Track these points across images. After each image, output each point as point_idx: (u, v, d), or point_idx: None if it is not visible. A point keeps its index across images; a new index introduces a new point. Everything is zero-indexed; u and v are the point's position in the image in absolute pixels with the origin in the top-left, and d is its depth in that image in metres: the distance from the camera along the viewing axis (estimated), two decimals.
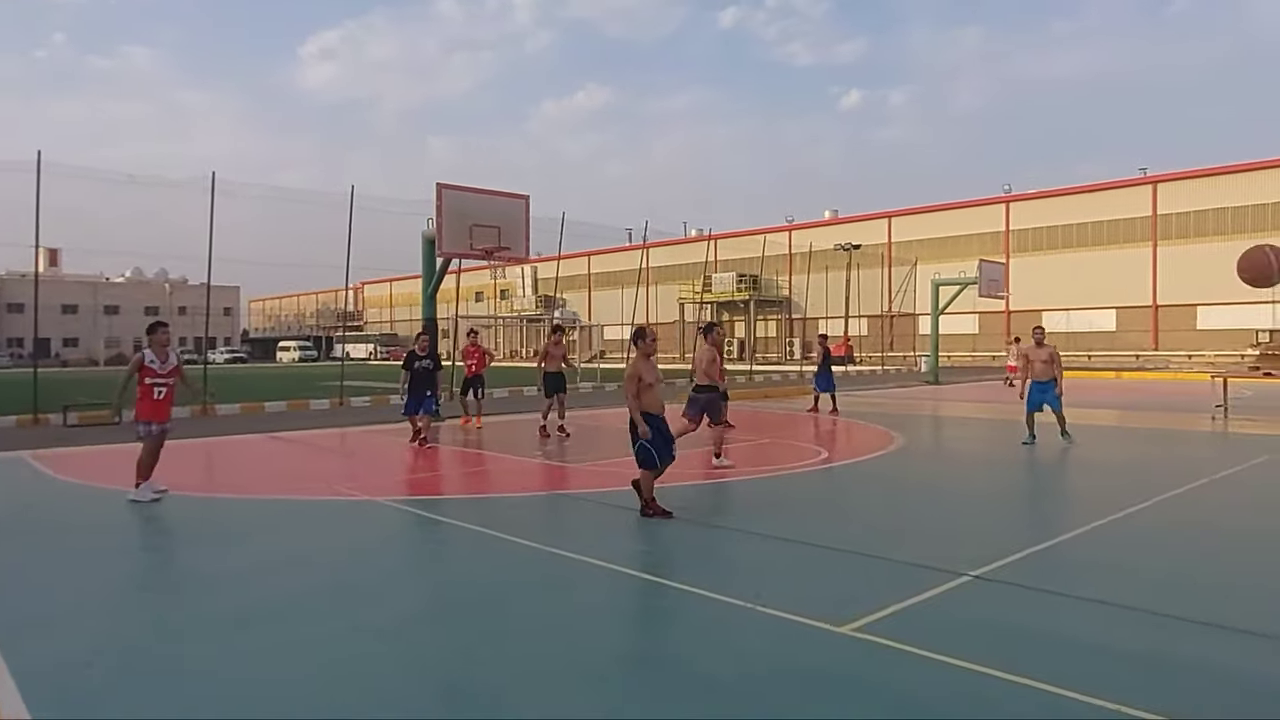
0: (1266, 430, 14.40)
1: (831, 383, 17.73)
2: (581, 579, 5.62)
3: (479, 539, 6.73)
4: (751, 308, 61.10)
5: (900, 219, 58.33)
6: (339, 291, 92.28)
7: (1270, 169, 43.89)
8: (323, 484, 9.37)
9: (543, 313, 74.81)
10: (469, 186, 15.73)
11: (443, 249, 15.27)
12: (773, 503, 8.40)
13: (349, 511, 8.03)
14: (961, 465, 11.26)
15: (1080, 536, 6.57)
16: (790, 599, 5.00)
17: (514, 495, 8.85)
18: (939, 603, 4.97)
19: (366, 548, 6.59)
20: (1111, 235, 48.89)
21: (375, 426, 15.86)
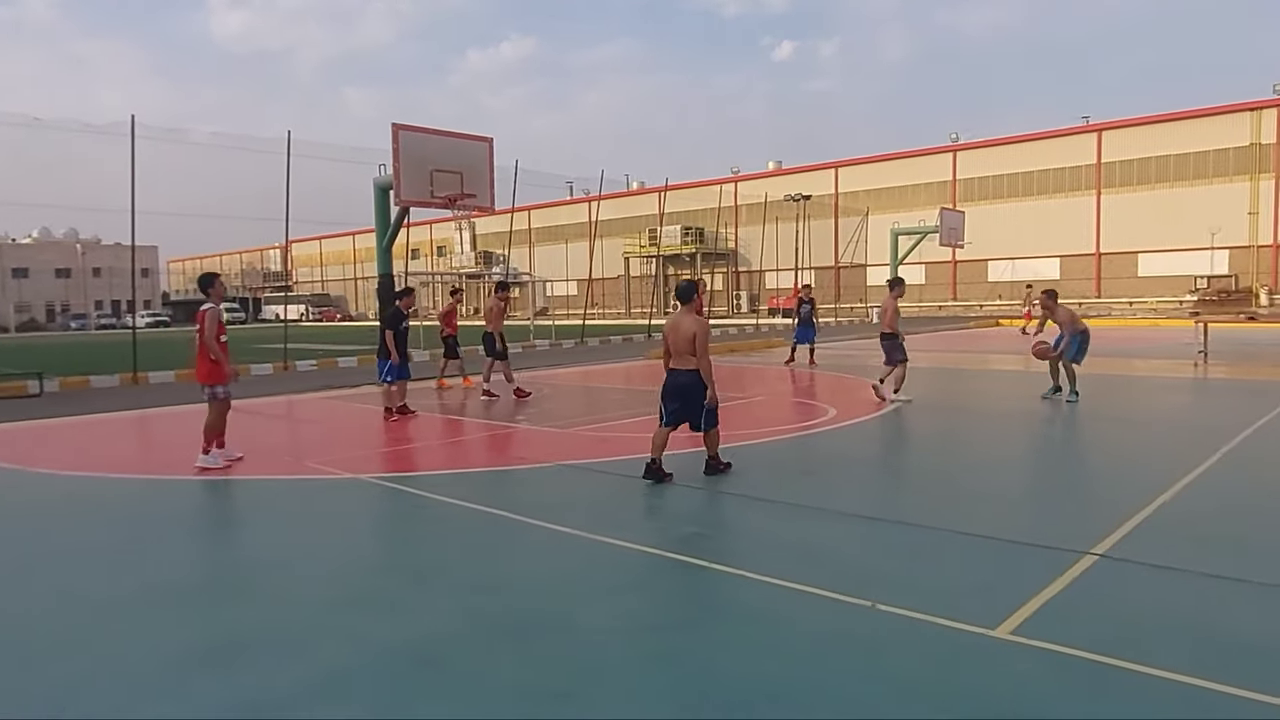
0: (1252, 375, 14.24)
1: (811, 335, 17.22)
2: (648, 574, 4.69)
3: (501, 525, 5.74)
4: (698, 261, 60.34)
5: (847, 169, 57.95)
6: (266, 250, 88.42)
7: (1210, 116, 44.62)
8: (292, 460, 8.21)
9: (482, 269, 72.83)
10: (428, 128, 14.31)
11: (400, 197, 13.86)
12: (805, 469, 7.60)
13: (333, 493, 6.94)
14: (983, 421, 10.63)
15: (1175, 501, 5.90)
16: (909, 594, 4.18)
17: (513, 468, 7.85)
18: (1086, 592, 4.20)
19: (373, 541, 5.55)
20: (1056, 184, 49.35)
21: (329, 392, 14.60)
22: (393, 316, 11.60)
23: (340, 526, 5.94)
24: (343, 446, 9.24)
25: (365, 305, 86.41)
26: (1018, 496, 6.44)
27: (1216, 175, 44.38)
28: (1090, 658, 3.45)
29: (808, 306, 17.54)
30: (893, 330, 11.73)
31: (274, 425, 11.39)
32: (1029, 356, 12.30)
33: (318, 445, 9.28)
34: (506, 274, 70.58)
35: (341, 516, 6.24)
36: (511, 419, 10.84)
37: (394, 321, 11.51)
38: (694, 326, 6.79)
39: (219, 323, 7.72)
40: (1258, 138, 43.19)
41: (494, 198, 14.92)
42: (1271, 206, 42.95)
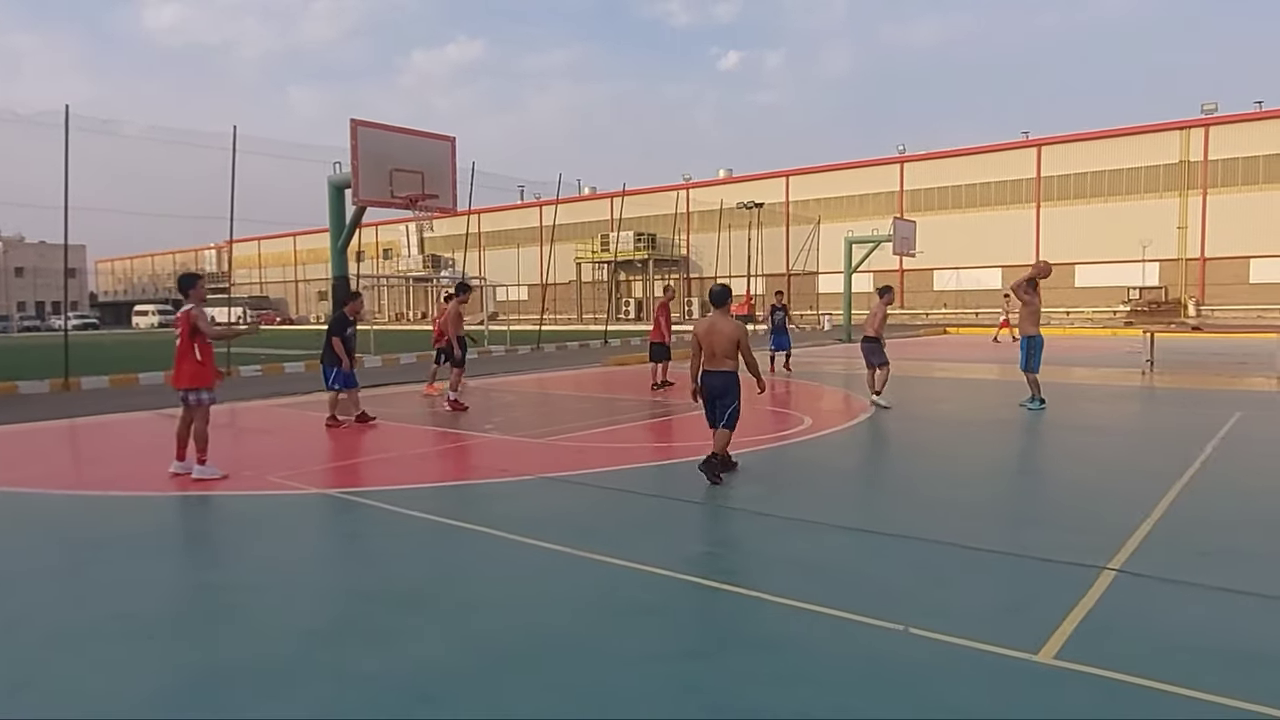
0: (1199, 384, 14.61)
1: (786, 342, 17.16)
2: (658, 597, 4.42)
3: (490, 544, 5.41)
4: (650, 267, 60.34)
5: (798, 178, 58.53)
6: (201, 250, 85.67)
7: (1142, 135, 46.24)
8: (252, 474, 7.73)
9: (430, 273, 71.67)
10: (388, 125, 13.86)
11: (359, 196, 13.40)
12: (795, 481, 7.42)
13: (301, 510, 6.52)
14: (960, 430, 10.62)
15: (1172, 512, 5.87)
16: (939, 616, 4.01)
17: (492, 481, 7.49)
18: (1117, 611, 4.07)
19: (352, 563, 5.17)
20: (999, 196, 50.57)
21: (278, 400, 13.98)
22: (339, 321, 11.04)
23: (314, 547, 5.56)
24: (304, 459, 8.76)
25: (307, 308, 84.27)
26: (1016, 509, 6.36)
27: (1148, 191, 45.99)
28: (1140, 683, 3.31)
29: (781, 313, 17.45)
30: (876, 335, 12.00)
31: (225, 436, 10.77)
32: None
33: (277, 457, 8.79)
34: (458, 278, 69.51)
35: (314, 536, 5.85)
36: (479, 428, 10.46)
37: (340, 327, 10.97)
38: (736, 330, 6.96)
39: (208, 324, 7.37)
40: (1186, 155, 44.89)
41: (456, 199, 14.53)
42: (1199, 221, 44.67)
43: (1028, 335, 11.40)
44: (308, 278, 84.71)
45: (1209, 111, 44.65)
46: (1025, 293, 11.33)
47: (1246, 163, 43.19)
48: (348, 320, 11.00)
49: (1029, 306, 11.36)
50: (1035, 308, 11.41)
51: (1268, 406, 11.53)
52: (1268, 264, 42.45)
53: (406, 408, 13.04)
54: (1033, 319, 11.41)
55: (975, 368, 18.90)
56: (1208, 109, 44.66)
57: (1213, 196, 44.03)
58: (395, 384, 16.41)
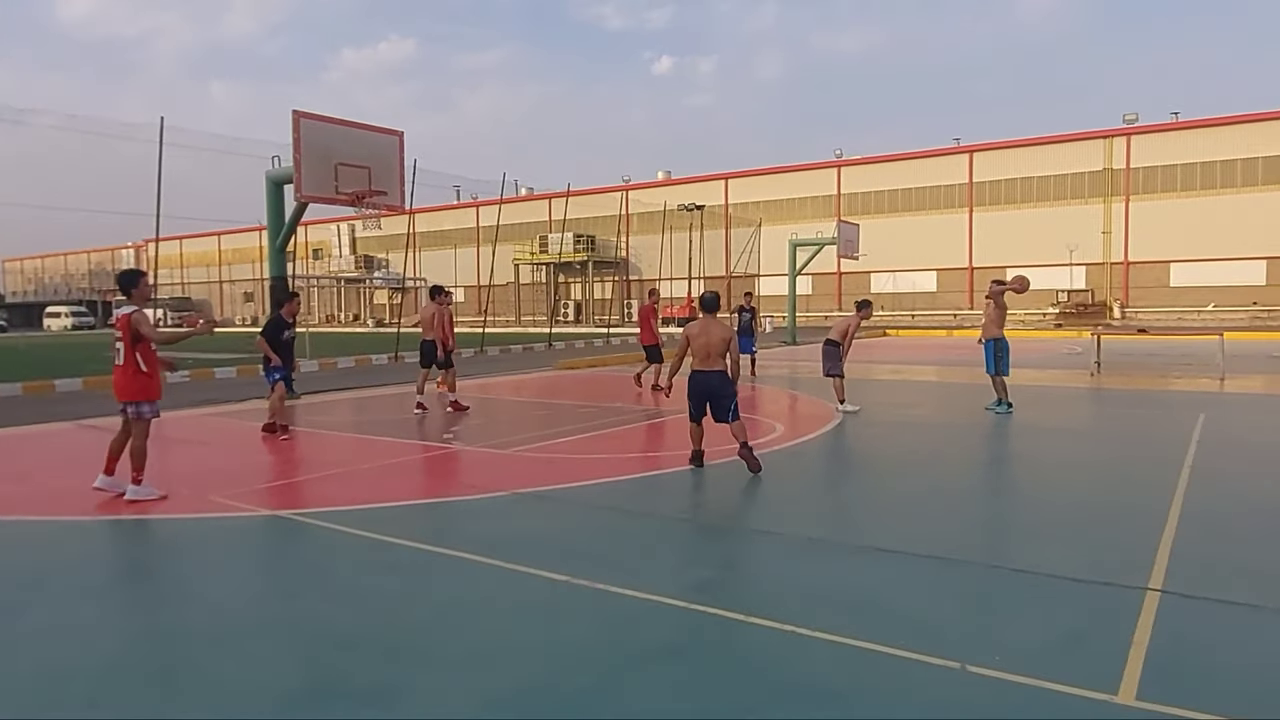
0: (1149, 385, 14.86)
1: (751, 344, 16.77)
2: (678, 633, 3.95)
3: (477, 573, 4.86)
4: (590, 269, 59.79)
5: (736, 180, 58.75)
6: (118, 250, 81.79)
7: (1068, 142, 47.74)
8: (192, 493, 6.99)
9: (362, 274, 69.80)
10: (333, 117, 13.07)
11: (301, 191, 12.59)
12: (787, 494, 7.05)
13: (255, 536, 5.85)
14: (937, 435, 10.42)
15: (1186, 523, 5.67)
16: (993, 648, 3.65)
17: (465, 499, 6.91)
18: (1181, 639, 3.77)
19: (324, 602, 4.55)
20: (933, 201, 51.58)
21: (211, 409, 13.07)
22: (274, 324, 10.24)
23: (274, 582, 4.92)
24: (249, 475, 8.02)
25: (232, 310, 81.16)
26: (1027, 523, 6.08)
27: (1074, 197, 47.50)
28: None
29: (748, 315, 17.04)
30: (841, 341, 11.84)
31: (155, 449, 9.90)
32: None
33: (219, 474, 8.03)
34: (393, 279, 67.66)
35: (271, 568, 5.21)
36: (439, 438, 9.83)
37: (276, 329, 10.15)
38: (728, 333, 7.55)
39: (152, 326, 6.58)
40: (1110, 163, 46.51)
41: (404, 196, 13.82)
42: (1122, 227, 46.31)
43: (993, 338, 11.35)
44: (233, 278, 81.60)
45: (1130, 122, 46.34)
46: (998, 303, 11.35)
47: (1165, 171, 44.95)
48: (285, 323, 10.23)
49: (1000, 310, 11.31)
50: (1004, 313, 11.41)
51: (1227, 407, 11.68)
52: (1186, 268, 44.24)
53: (351, 415, 12.30)
54: (999, 323, 11.38)
55: (928, 370, 18.97)
56: (1129, 119, 46.35)
57: (1135, 203, 45.70)
58: (337, 390, 15.56)
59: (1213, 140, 43.70)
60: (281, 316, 10.31)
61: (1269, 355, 20.97)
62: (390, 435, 10.25)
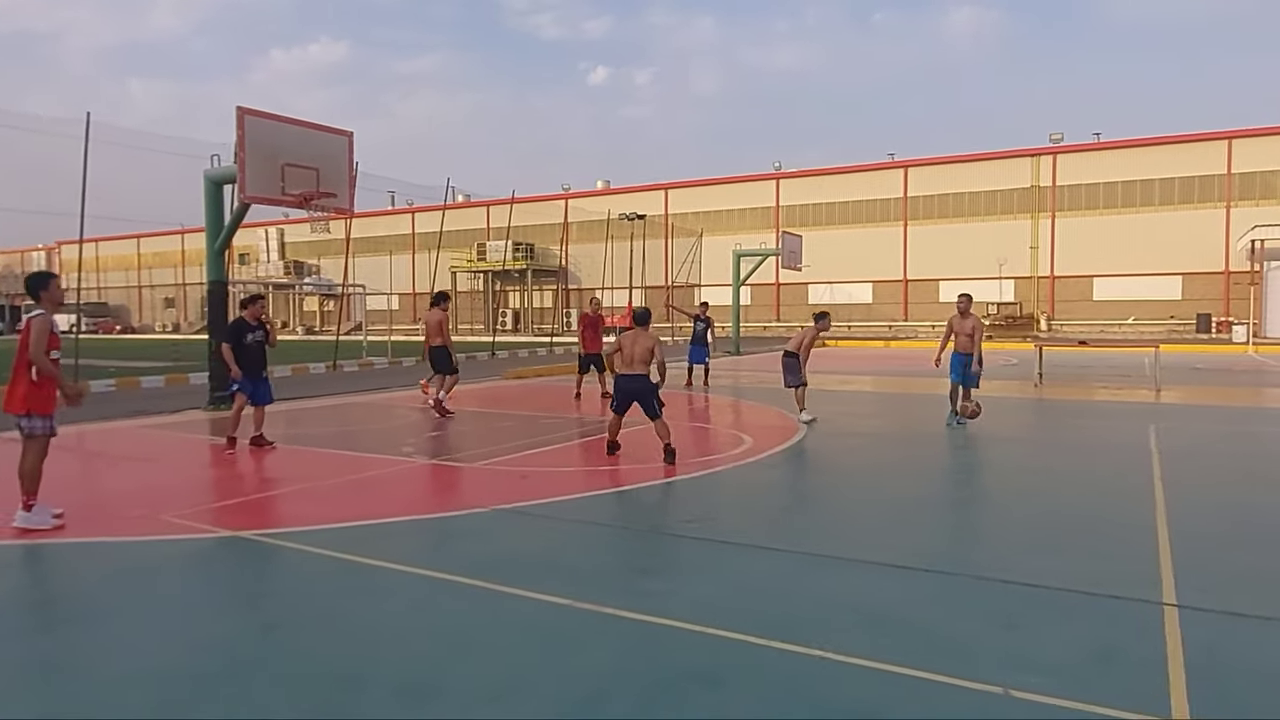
0: (1091, 395, 15.30)
1: (705, 355, 16.65)
2: (697, 658, 3.74)
3: (473, 599, 4.57)
4: (529, 277, 59.23)
5: (676, 191, 59.00)
6: (28, 251, 77.80)
7: (998, 160, 49.34)
8: (143, 513, 6.48)
9: (292, 280, 67.79)
10: (280, 115, 12.50)
11: (245, 192, 12.00)
12: (777, 506, 6.92)
13: (219, 560, 5.42)
14: (905, 446, 10.45)
15: (1177, 533, 5.71)
16: (1028, 669, 3.55)
17: (444, 516, 6.57)
18: (1214, 654, 3.73)
19: (311, 634, 4.20)
20: (869, 214, 52.66)
21: (144, 420, 12.34)
22: (235, 328, 9.67)
23: (250, 612, 4.52)
24: (202, 492, 7.52)
25: (152, 316, 77.88)
26: (1021, 533, 6.05)
27: (1003, 212, 49.09)
28: None
29: (703, 325, 16.91)
30: (797, 351, 11.67)
31: (95, 465, 9.27)
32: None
33: (168, 491, 7.49)
34: (325, 285, 65.85)
35: (245, 596, 4.80)
36: (398, 451, 9.42)
37: (236, 334, 9.59)
38: (652, 342, 8.61)
39: (51, 334, 5.95)
40: (1037, 180, 48.22)
41: (354, 198, 13.32)
42: (1049, 242, 48.03)
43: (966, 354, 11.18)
44: (153, 283, 78.30)
45: (1056, 141, 48.15)
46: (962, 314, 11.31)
47: (1089, 189, 46.82)
48: (247, 326, 9.66)
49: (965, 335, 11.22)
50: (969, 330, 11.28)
51: (1172, 419, 12.04)
52: (1108, 283, 46.10)
53: (300, 428, 11.75)
54: (967, 342, 11.21)
55: (877, 380, 19.19)
56: (1055, 138, 48.16)
57: (1060, 219, 47.46)
58: (279, 401, 14.87)
59: (1132, 161, 45.72)
60: (244, 320, 9.70)
61: (1192, 368, 21.87)
62: (346, 448, 9.78)
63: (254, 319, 9.59)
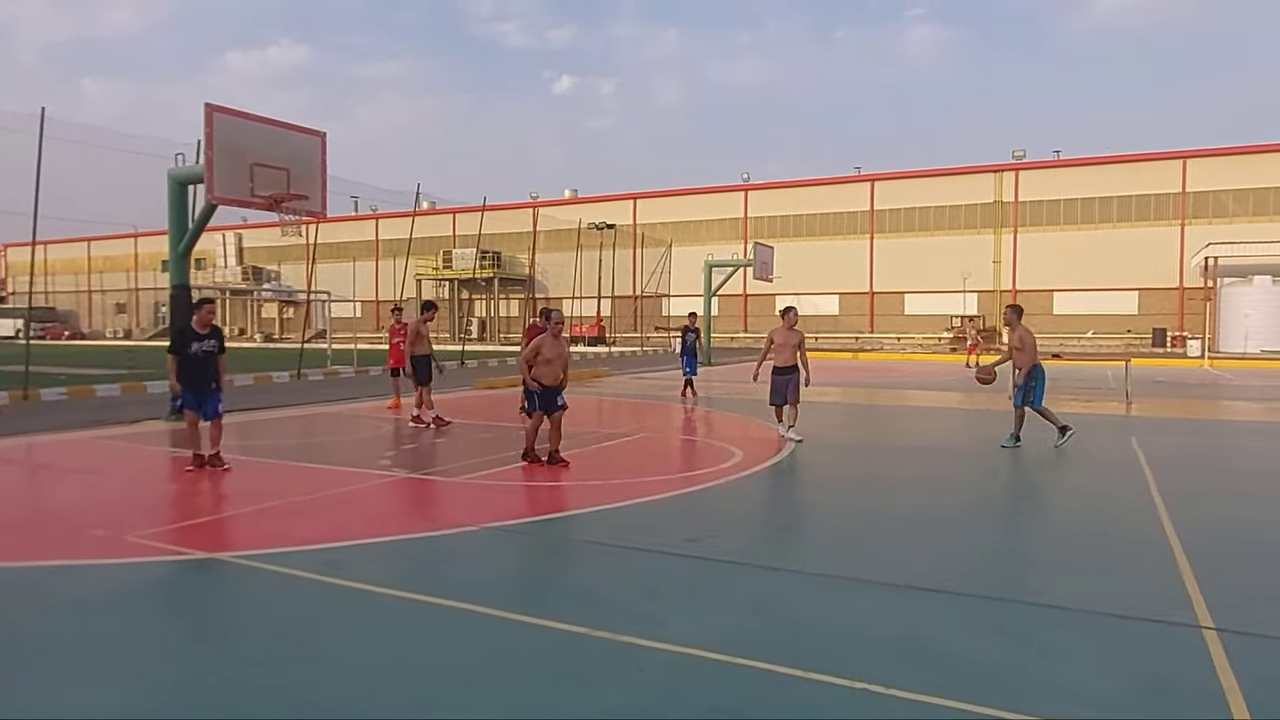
0: (1067, 409, 15.33)
1: (694, 367, 16.45)
2: (737, 696, 3.46)
3: (482, 627, 4.25)
4: (496, 285, 58.64)
5: (645, 201, 58.91)
6: None
7: (962, 175, 50.05)
8: (106, 533, 6.04)
9: (250, 285, 66.41)
10: (250, 113, 12.04)
11: (214, 193, 11.51)
12: (777, 525, 6.69)
13: (197, 584, 5.03)
14: (899, 459, 10.29)
15: (1194, 551, 5.59)
16: (1078, 702, 3.35)
17: (432, 535, 6.19)
18: (1267, 682, 3.56)
19: (316, 670, 3.84)
20: (836, 226, 53.04)
21: (101, 431, 11.76)
22: (180, 336, 8.75)
23: (230, 645, 4.13)
24: (170, 510, 7.08)
25: (102, 321, 75.71)
26: (1028, 550, 5.91)
27: (968, 227, 49.76)
28: None
29: (693, 336, 16.72)
30: (793, 364, 10.89)
31: (50, 479, 8.72)
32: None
33: (133, 509, 7.03)
34: (285, 291, 64.60)
35: (228, 626, 4.40)
36: (374, 464, 9.02)
37: (181, 343, 8.65)
38: (564, 349, 8.88)
39: None
40: (1000, 196, 48.98)
41: (326, 201, 12.89)
42: (1011, 257, 48.78)
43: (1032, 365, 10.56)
44: (104, 288, 76.10)
45: (1019, 158, 48.97)
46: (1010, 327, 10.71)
47: (1050, 205, 47.68)
48: (193, 335, 8.71)
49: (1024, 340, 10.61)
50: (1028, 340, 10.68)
51: (1150, 431, 12.08)
52: (1068, 297, 46.92)
53: (268, 439, 11.26)
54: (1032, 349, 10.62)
55: (854, 392, 19.13)
56: (1018, 155, 48.98)
57: (1023, 235, 48.23)
58: (243, 410, 14.33)
59: (1091, 179, 46.65)
60: (191, 328, 9.00)
61: (1155, 380, 22.19)
62: (319, 461, 9.36)
63: (203, 326, 8.69)
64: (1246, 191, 43.40)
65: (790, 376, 10.83)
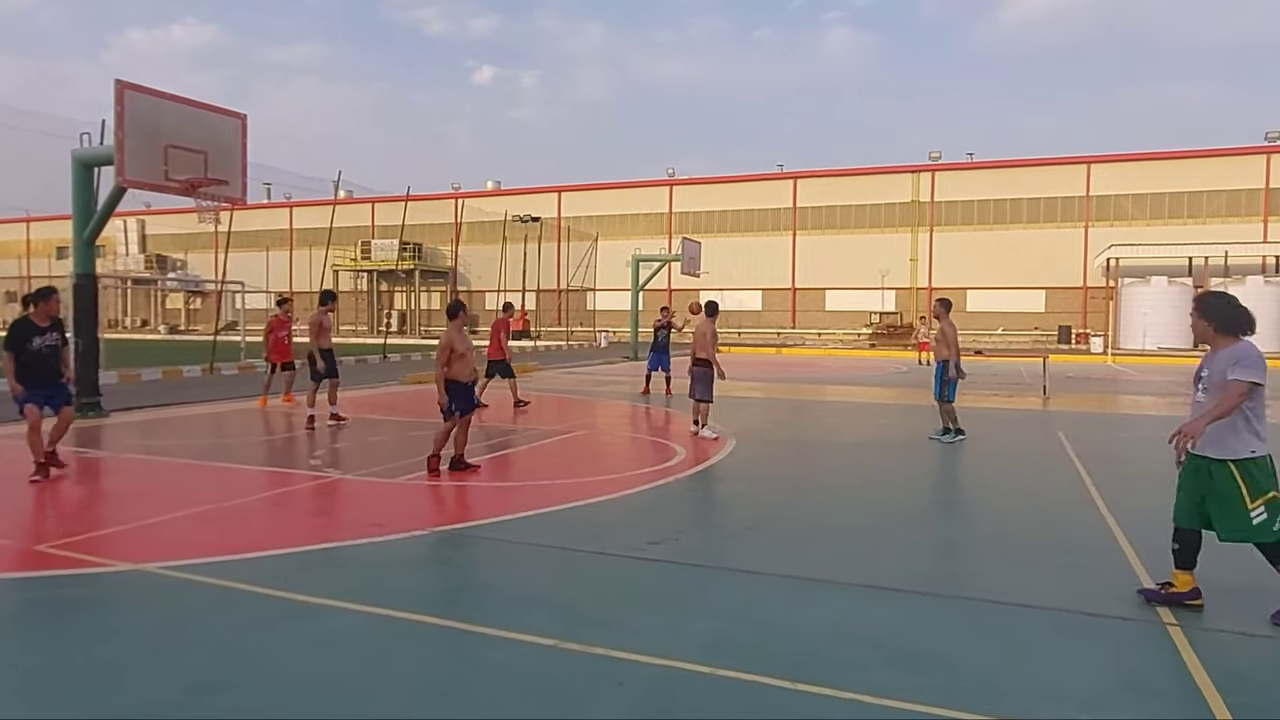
0: (989, 404, 15.84)
1: (666, 362, 16.01)
2: (725, 710, 3.34)
3: (445, 642, 4.01)
4: (416, 277, 57.35)
5: (570, 194, 58.45)
6: None
7: (881, 174, 51.32)
8: (15, 543, 5.52)
9: (154, 274, 63.23)
10: (164, 92, 11.30)
11: (124, 175, 10.76)
12: (746, 524, 6.60)
13: (130, 600, 4.60)
14: (832, 454, 10.37)
15: (1141, 545, 5.74)
16: (1062, 701, 3.35)
17: (381, 540, 5.86)
18: (1239, 675, 3.62)
19: (271, 695, 3.53)
20: (760, 223, 53.69)
21: None
22: (18, 330, 7.69)
23: (175, 671, 3.76)
24: (79, 516, 6.55)
25: None
26: (984, 548, 5.95)
27: (886, 225, 51.08)
28: None
29: (665, 332, 16.27)
30: (709, 359, 11.05)
31: None
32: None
33: (35, 515, 6.47)
34: (191, 280, 61.61)
35: (164, 649, 4.00)
36: (303, 465, 8.58)
37: (19, 338, 7.66)
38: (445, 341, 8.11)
39: None
40: (917, 196, 50.43)
41: (246, 187, 12.24)
42: (927, 255, 50.30)
43: (944, 360, 10.78)
44: None
45: (934, 159, 50.50)
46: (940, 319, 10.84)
47: (964, 205, 49.33)
48: (34, 328, 7.70)
49: (954, 329, 10.80)
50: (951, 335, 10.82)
51: (1073, 425, 12.50)
52: (980, 295, 48.65)
53: (185, 438, 10.62)
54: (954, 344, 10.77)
55: (785, 387, 19.32)
56: (934, 156, 50.50)
57: (938, 234, 49.77)
58: (153, 407, 13.52)
59: (1002, 180, 48.48)
60: (31, 321, 7.75)
61: (1065, 376, 23.16)
62: (245, 462, 8.86)
63: (44, 319, 7.76)
64: (1145, 196, 45.82)
65: (704, 370, 11.07)
